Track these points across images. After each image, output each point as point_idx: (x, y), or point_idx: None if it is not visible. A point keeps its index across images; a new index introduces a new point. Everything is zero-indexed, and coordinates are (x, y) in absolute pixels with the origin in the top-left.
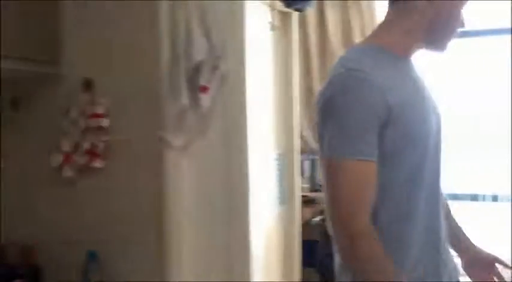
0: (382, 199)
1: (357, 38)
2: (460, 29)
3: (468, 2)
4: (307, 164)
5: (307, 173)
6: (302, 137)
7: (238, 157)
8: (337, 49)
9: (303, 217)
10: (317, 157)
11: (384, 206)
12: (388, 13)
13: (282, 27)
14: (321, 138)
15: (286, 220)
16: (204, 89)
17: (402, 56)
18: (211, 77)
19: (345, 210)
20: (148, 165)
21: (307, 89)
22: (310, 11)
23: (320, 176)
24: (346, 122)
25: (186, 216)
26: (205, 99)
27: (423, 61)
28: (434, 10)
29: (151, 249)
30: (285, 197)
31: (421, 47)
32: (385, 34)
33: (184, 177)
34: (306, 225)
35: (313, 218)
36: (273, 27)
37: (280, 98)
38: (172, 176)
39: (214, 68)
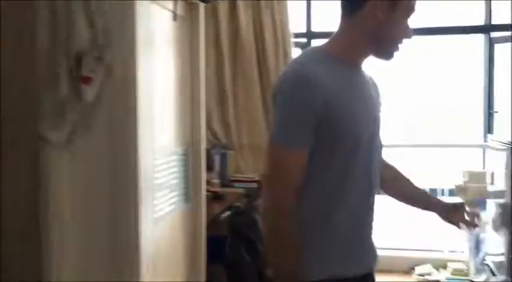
0: (312, 188)
1: (269, 33)
2: (406, 39)
3: (412, 14)
4: (217, 158)
5: (217, 168)
6: (212, 131)
7: (127, 154)
8: (249, 42)
9: (211, 212)
10: (227, 151)
11: (313, 196)
12: (340, 25)
13: (187, 17)
14: (270, 125)
15: (191, 217)
16: (86, 80)
17: (348, 63)
18: (95, 67)
19: (270, 187)
20: (23, 163)
21: (219, 83)
22: (222, 4)
23: (230, 171)
24: (286, 114)
25: (67, 216)
26: (88, 91)
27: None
28: (375, 23)
29: (29, 250)
30: (189, 194)
31: (369, 55)
32: (334, 43)
33: (66, 176)
34: (215, 220)
35: (222, 213)
36: (175, 17)
37: (185, 91)
38: (51, 174)
39: (99, 58)
